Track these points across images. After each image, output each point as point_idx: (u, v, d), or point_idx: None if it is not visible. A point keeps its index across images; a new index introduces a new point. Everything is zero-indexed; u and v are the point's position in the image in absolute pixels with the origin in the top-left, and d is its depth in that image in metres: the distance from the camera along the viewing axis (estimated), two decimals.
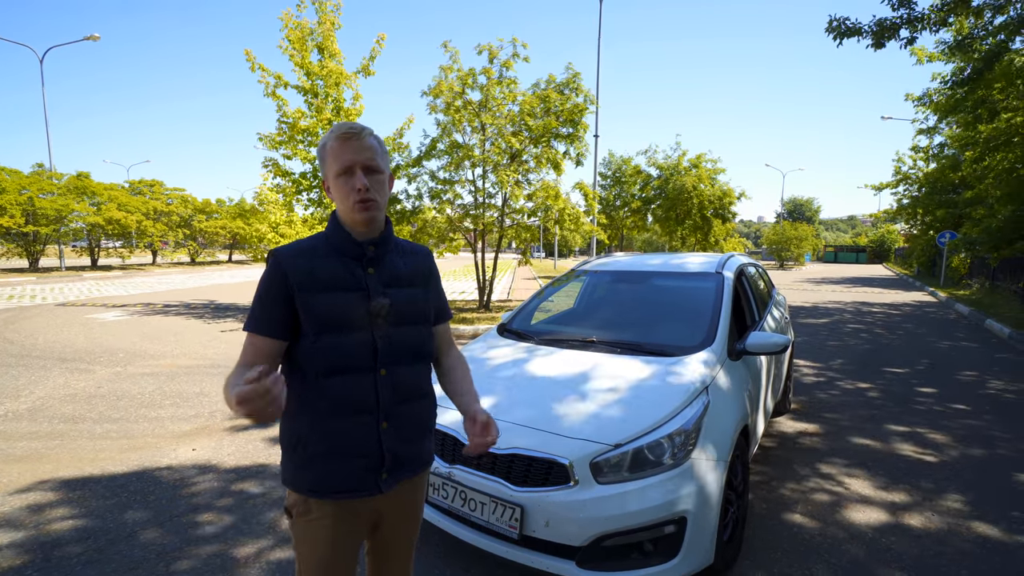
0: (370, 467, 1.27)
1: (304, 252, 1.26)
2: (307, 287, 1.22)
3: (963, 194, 17.54)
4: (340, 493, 1.25)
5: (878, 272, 32.54)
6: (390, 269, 1.33)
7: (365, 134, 1.24)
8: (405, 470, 1.34)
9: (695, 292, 3.27)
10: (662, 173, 23.82)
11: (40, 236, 22.07)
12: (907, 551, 2.56)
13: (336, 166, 1.22)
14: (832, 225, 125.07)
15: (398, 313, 1.30)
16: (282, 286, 1.21)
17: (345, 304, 1.24)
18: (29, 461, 3.54)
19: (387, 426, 1.28)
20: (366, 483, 1.27)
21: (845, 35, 8.01)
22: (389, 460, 1.28)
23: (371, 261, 1.30)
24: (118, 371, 5.98)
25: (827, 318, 10.86)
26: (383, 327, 1.27)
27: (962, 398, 5.15)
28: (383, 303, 1.27)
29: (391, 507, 1.37)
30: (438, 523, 2.27)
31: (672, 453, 2.03)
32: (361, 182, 1.21)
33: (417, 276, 1.39)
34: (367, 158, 1.23)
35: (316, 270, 1.24)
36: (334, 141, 1.23)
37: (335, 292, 1.24)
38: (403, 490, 1.36)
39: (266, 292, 1.23)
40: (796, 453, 3.77)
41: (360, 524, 1.33)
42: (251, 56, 9.18)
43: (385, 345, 1.27)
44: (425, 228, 10.25)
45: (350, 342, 1.24)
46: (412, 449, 1.35)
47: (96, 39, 22.02)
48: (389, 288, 1.31)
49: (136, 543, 2.59)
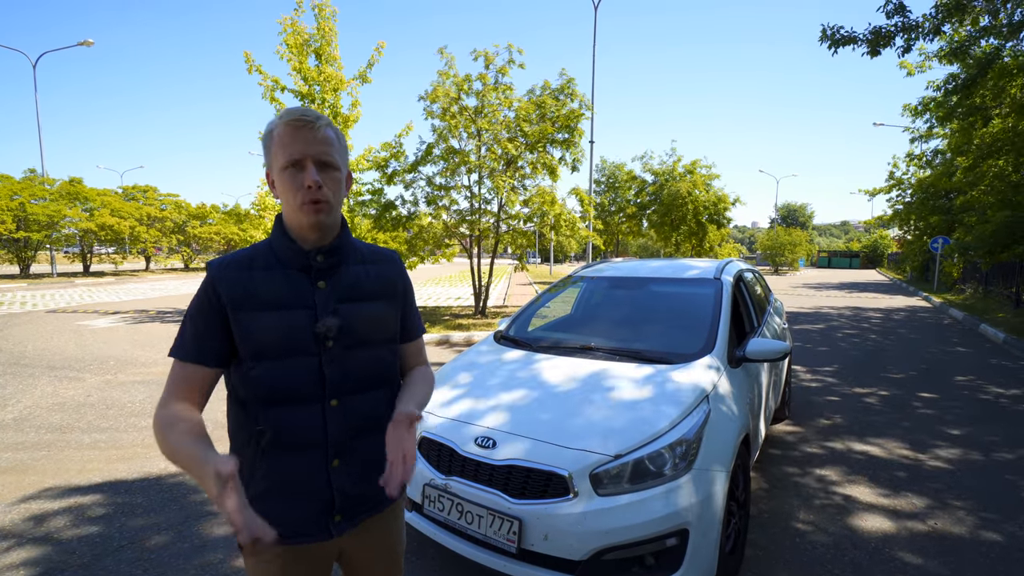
0: (319, 510, 1.11)
1: (241, 264, 1.09)
2: (242, 305, 1.05)
3: (956, 200, 17.67)
4: (286, 538, 1.07)
5: (872, 277, 32.72)
6: (345, 281, 1.14)
7: (321, 124, 1.06)
8: (363, 510, 1.17)
9: (694, 298, 3.24)
10: (657, 179, 23.94)
11: (31, 242, 21.87)
12: (912, 560, 2.53)
13: (283, 158, 1.04)
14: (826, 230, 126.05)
15: (352, 334, 1.12)
16: (215, 304, 1.06)
17: (286, 325, 1.07)
18: (14, 472, 3.45)
19: (338, 464, 1.11)
20: (315, 527, 1.11)
21: (839, 44, 8.05)
22: (340, 501, 1.12)
23: (320, 273, 1.12)
24: (108, 379, 5.88)
25: (823, 323, 10.88)
26: (334, 351, 1.10)
27: (959, 403, 5.14)
28: (331, 323, 1.09)
29: (358, 548, 1.21)
30: (434, 536, 2.21)
31: (673, 464, 1.99)
32: (312, 178, 1.03)
33: (381, 288, 1.20)
34: (320, 151, 1.05)
35: (254, 285, 1.07)
36: (282, 127, 1.04)
37: (275, 311, 1.07)
38: (370, 529, 1.20)
39: (197, 311, 1.07)
40: (795, 460, 3.74)
41: (317, 568, 1.17)
42: (250, 58, 9.16)
43: (335, 372, 1.10)
44: (421, 234, 10.20)
45: (292, 369, 1.07)
46: (370, 488, 1.14)
47: (90, 45, 21.93)
48: (343, 304, 1.12)
49: (123, 558, 2.51)
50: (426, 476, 2.22)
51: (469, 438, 2.17)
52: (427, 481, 2.20)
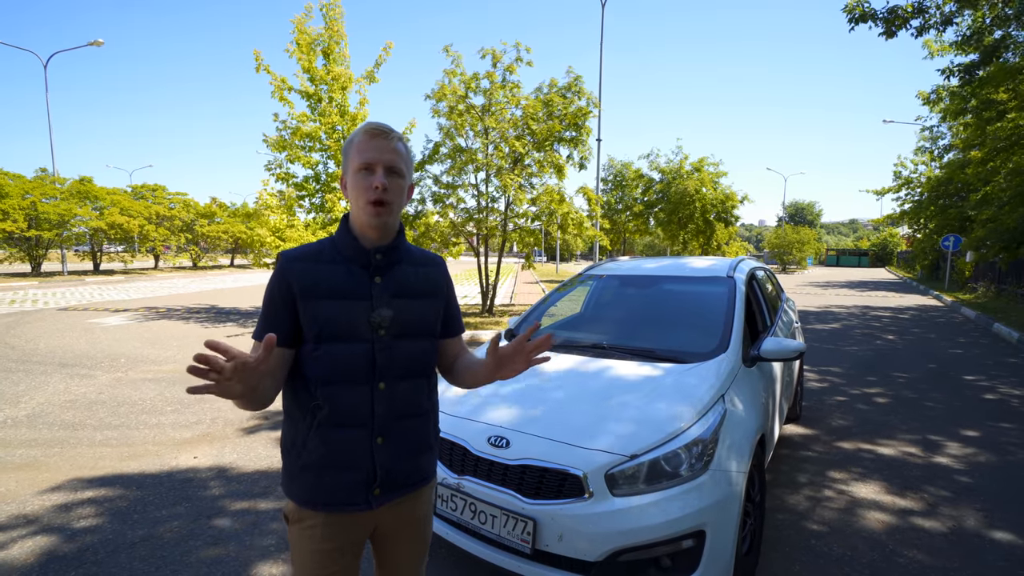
0: (362, 481, 1.21)
1: (309, 256, 1.22)
2: (309, 293, 1.18)
3: (969, 197, 17.44)
4: (330, 505, 1.21)
5: (881, 276, 32.43)
6: (398, 279, 1.27)
7: (394, 136, 1.20)
8: (400, 487, 1.27)
9: (707, 297, 3.20)
10: (664, 177, 23.79)
11: (43, 240, 22.06)
12: (929, 562, 2.49)
13: (357, 161, 1.18)
14: (834, 229, 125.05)
15: (401, 325, 1.24)
16: (286, 292, 1.18)
17: (346, 313, 1.19)
18: (28, 469, 3.48)
19: (382, 441, 1.23)
20: (356, 497, 1.21)
21: (860, 20, 8.16)
22: (382, 476, 1.23)
23: (378, 269, 1.24)
24: (119, 376, 5.92)
25: (833, 323, 10.78)
26: (384, 339, 1.22)
27: (972, 403, 5.07)
28: (385, 314, 1.21)
29: (392, 524, 1.31)
30: (447, 536, 2.20)
31: (689, 464, 1.96)
32: (379, 180, 1.16)
33: (428, 288, 1.33)
34: (390, 159, 1.19)
35: (320, 276, 1.20)
36: (361, 136, 1.19)
37: (337, 300, 1.19)
38: (403, 507, 1.30)
39: (271, 298, 1.20)
40: (807, 461, 3.70)
41: (354, 538, 1.26)
42: (259, 57, 9.20)
43: (384, 358, 1.22)
44: (428, 232, 10.20)
45: (348, 353, 1.19)
46: (407, 466, 1.28)
47: (100, 44, 22.09)
48: (395, 299, 1.24)
49: (136, 554, 2.52)
50: (439, 475, 2.20)
51: (482, 437, 2.16)
52: (440, 480, 2.18)
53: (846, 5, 8.31)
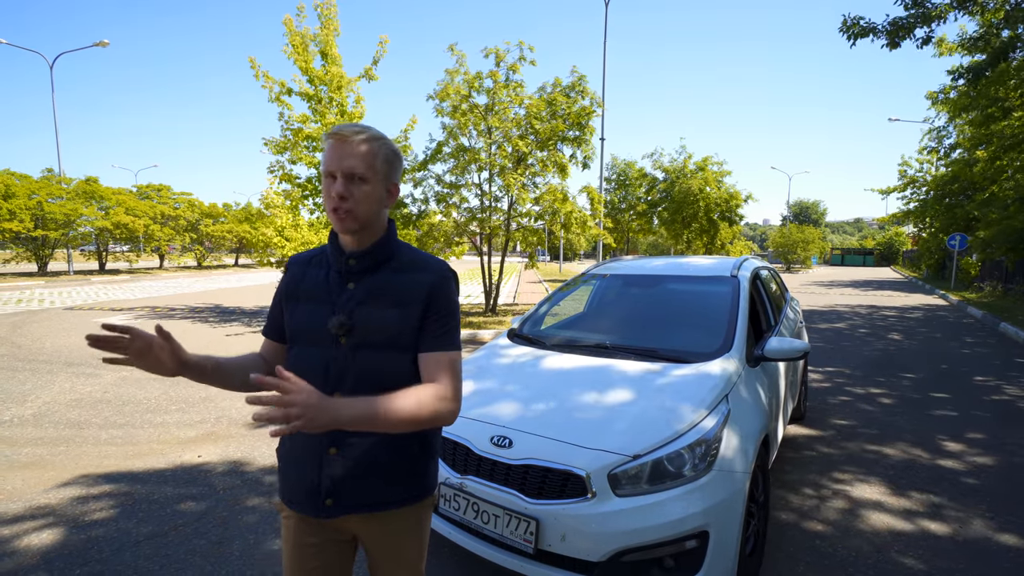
0: (311, 489, 1.21)
1: (303, 260, 1.29)
2: (289, 295, 1.26)
3: (975, 197, 17.31)
4: (291, 504, 1.26)
5: (886, 275, 32.25)
6: (372, 285, 1.20)
7: (357, 139, 1.13)
8: (353, 504, 1.21)
9: (710, 296, 3.19)
10: (668, 176, 23.72)
11: (49, 240, 22.20)
12: (934, 563, 2.47)
13: (323, 168, 1.16)
14: (838, 228, 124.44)
15: (360, 334, 1.18)
16: (281, 291, 1.28)
17: (311, 318, 1.21)
18: (35, 468, 3.50)
19: (335, 452, 1.19)
20: (309, 503, 1.22)
21: (859, 35, 7.94)
22: (328, 487, 1.19)
23: (352, 275, 1.21)
24: (124, 376, 5.95)
25: (838, 322, 10.73)
26: (344, 349, 1.18)
27: (979, 404, 5.03)
28: (339, 320, 1.17)
29: (366, 538, 1.28)
30: (449, 536, 2.20)
31: (693, 464, 1.96)
32: (336, 189, 1.13)
33: (406, 295, 1.20)
34: (350, 165, 1.12)
35: (303, 279, 1.25)
36: (326, 142, 1.16)
37: (308, 304, 1.23)
38: (372, 524, 1.25)
39: (274, 297, 1.32)
40: (812, 461, 3.68)
41: (331, 538, 1.26)
42: (255, 64, 9.23)
43: (338, 368, 1.18)
44: (431, 232, 10.21)
45: (307, 358, 1.21)
46: (360, 485, 1.20)
47: (105, 45, 22.20)
48: (361, 306, 1.18)
49: (141, 552, 2.53)
50: (441, 475, 2.20)
51: (484, 436, 2.16)
52: (442, 480, 2.18)
53: (842, 24, 8.06)
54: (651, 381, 2.40)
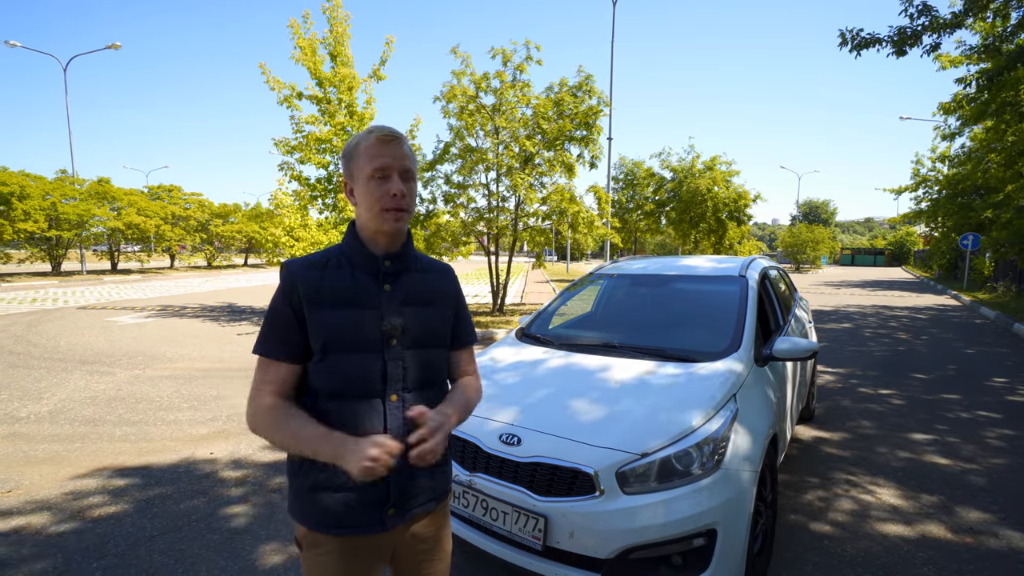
0: (374, 502, 1.15)
1: (315, 264, 1.17)
2: (316, 302, 1.13)
3: (988, 198, 17.06)
4: (343, 528, 1.14)
5: (897, 275, 31.91)
6: (408, 286, 1.22)
7: (405, 140, 1.17)
8: (416, 505, 1.21)
9: (718, 296, 3.19)
10: (676, 176, 23.63)
11: (62, 240, 22.52)
12: (944, 564, 2.46)
13: (370, 167, 1.13)
14: (849, 227, 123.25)
15: (413, 334, 1.20)
16: (295, 300, 1.13)
17: (355, 322, 1.14)
18: (50, 463, 3.57)
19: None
20: (369, 519, 1.15)
21: (862, 47, 7.82)
22: (395, 494, 1.17)
23: (387, 276, 1.19)
24: (137, 374, 6.04)
25: (848, 322, 10.64)
26: (396, 349, 1.17)
27: (991, 405, 4.98)
28: (397, 323, 1.17)
29: (410, 545, 1.25)
30: (458, 532, 2.22)
31: (701, 463, 1.97)
32: (397, 187, 1.13)
33: (438, 296, 1.27)
34: (404, 164, 1.15)
35: (326, 283, 1.15)
36: (371, 141, 1.14)
37: (345, 309, 1.14)
38: (420, 525, 1.25)
39: (279, 309, 1.14)
40: (821, 461, 3.67)
41: (373, 561, 1.20)
42: (266, 70, 9.32)
43: (396, 369, 1.17)
44: (439, 232, 10.25)
45: (358, 364, 1.14)
46: (422, 483, 1.22)
47: (118, 48, 22.48)
48: (405, 307, 1.20)
49: (155, 547, 2.58)
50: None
51: (493, 434, 2.17)
52: (452, 477, 2.20)
53: (840, 39, 7.88)
54: (659, 380, 2.40)
